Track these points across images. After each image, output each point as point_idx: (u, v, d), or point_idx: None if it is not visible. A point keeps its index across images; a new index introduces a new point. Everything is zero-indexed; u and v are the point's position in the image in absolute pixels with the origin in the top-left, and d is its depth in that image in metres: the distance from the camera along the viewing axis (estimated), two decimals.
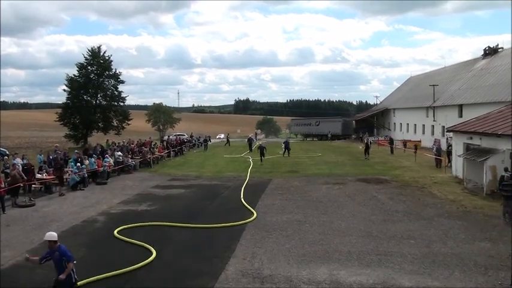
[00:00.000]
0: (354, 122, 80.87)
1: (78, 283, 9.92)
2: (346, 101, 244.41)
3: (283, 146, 43.53)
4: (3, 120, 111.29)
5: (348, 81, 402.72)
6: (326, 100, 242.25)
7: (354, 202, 20.08)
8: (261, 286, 10.49)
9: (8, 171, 22.18)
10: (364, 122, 76.41)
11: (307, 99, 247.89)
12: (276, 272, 11.37)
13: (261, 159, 36.82)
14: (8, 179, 20.57)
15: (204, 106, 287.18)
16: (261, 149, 37.78)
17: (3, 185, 19.58)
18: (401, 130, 64.82)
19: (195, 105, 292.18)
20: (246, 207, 19.23)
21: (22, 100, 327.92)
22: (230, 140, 60.94)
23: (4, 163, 24.79)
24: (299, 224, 16.27)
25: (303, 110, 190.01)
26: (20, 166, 24.06)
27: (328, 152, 46.49)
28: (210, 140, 60.09)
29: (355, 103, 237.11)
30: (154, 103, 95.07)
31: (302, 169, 32.17)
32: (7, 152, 36.33)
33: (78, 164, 26.02)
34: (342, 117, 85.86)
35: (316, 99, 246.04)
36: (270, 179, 27.27)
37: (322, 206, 19.29)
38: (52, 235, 9.22)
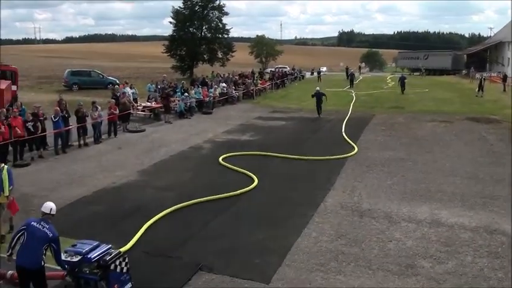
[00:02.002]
0: (465, 56, 75.47)
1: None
2: (457, 33, 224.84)
3: (398, 83, 40.08)
4: (113, 52, 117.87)
5: (459, 11, 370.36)
6: (436, 32, 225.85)
7: (461, 142, 19.19)
8: (359, 219, 10.60)
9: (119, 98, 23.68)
10: (476, 56, 70.92)
11: (416, 31, 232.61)
12: (375, 207, 11.40)
13: (319, 111, 26.66)
14: (119, 106, 22.05)
15: (306, 38, 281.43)
16: (318, 97, 26.67)
17: (117, 111, 21.07)
18: None
19: (298, 37, 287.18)
20: (347, 141, 19.15)
21: (130, 33, 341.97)
22: (332, 73, 59.81)
23: (115, 91, 26.48)
24: (402, 161, 15.98)
25: (410, 42, 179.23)
26: (131, 95, 25.67)
27: (436, 88, 44.09)
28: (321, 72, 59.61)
29: (467, 36, 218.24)
30: (257, 35, 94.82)
31: (407, 105, 31.06)
32: (117, 82, 38.63)
33: (186, 94, 27.18)
34: (452, 51, 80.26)
35: (425, 31, 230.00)
36: (373, 115, 26.72)
37: (426, 144, 18.69)
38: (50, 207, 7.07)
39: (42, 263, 6.76)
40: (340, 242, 9.37)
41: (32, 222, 6.86)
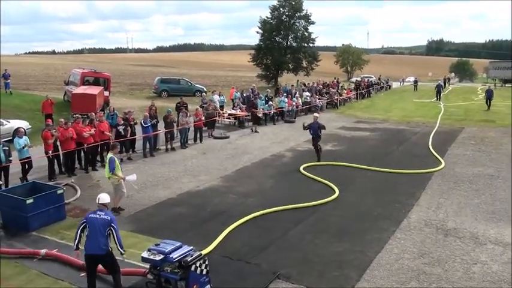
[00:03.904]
0: None
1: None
2: None
3: (484, 96, 35.72)
4: (201, 61, 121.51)
5: None
6: None
7: None
8: (444, 238, 10.20)
9: (205, 106, 24.45)
10: None
11: (508, 39, 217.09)
12: (461, 226, 10.92)
13: (318, 155, 17.67)
14: (205, 114, 22.76)
15: (393, 47, 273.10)
16: (314, 132, 17.70)
17: (203, 118, 21.77)
18: None
19: (384, 46, 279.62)
20: (434, 155, 18.49)
21: (217, 42, 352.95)
22: (420, 83, 57.67)
23: (202, 99, 27.36)
24: (491, 178, 15.15)
25: (503, 51, 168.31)
26: (218, 102, 26.41)
27: None
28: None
29: None
30: (342, 44, 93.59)
31: (499, 118, 29.32)
32: (205, 89, 39.91)
33: (270, 102, 27.52)
34: None
35: None
36: (462, 128, 25.57)
37: None
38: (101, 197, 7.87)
39: (110, 248, 7.41)
40: (423, 261, 9.07)
41: (90, 215, 7.55)
